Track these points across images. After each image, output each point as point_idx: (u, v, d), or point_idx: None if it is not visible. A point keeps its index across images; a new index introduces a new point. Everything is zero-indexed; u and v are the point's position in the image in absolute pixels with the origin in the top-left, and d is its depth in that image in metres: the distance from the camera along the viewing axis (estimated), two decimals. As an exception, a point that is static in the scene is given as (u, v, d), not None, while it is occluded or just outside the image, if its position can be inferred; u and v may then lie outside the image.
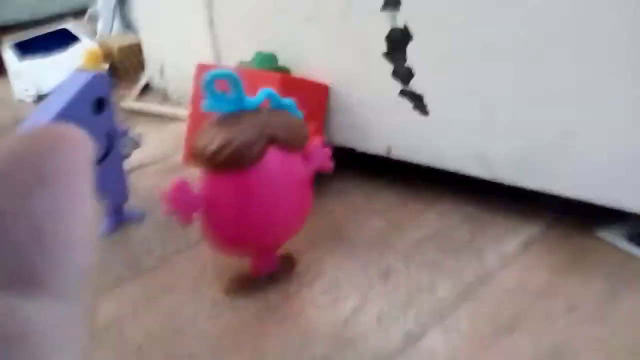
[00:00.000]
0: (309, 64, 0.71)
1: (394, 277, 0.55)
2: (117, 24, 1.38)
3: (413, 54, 0.62)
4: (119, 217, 0.67)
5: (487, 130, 0.59)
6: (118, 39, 1.29)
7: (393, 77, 0.64)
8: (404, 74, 0.63)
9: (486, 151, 0.60)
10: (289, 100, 0.50)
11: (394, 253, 0.59)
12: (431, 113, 0.63)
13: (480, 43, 0.57)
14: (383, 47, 0.64)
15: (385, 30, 0.63)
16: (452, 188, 0.68)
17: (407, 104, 0.64)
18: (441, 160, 0.64)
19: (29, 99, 1.13)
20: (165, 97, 1.09)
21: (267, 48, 0.73)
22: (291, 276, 0.56)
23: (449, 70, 0.60)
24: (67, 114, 0.56)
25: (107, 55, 1.20)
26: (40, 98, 1.12)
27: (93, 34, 1.34)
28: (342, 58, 0.68)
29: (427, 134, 0.64)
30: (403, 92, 0.64)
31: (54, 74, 1.12)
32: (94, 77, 0.58)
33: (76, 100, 0.57)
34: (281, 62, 0.72)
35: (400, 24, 0.61)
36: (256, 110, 0.49)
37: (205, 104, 0.48)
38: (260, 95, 0.48)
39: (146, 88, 1.16)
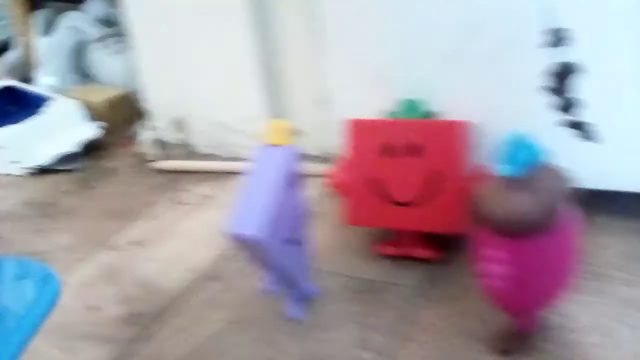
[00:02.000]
0: (453, 105, 0.71)
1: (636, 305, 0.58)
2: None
3: (581, 85, 0.66)
4: (301, 297, 0.64)
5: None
6: (95, 92, 1.24)
7: (556, 108, 0.68)
8: (567, 105, 0.68)
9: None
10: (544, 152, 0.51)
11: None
12: (598, 139, 0.68)
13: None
14: (542, 81, 0.68)
15: (546, 65, 0.67)
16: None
17: (570, 133, 0.69)
18: (607, 182, 0.70)
19: (20, 172, 1.06)
20: (190, 152, 1.06)
21: (396, 96, 0.74)
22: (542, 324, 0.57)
23: (623, 95, 0.65)
24: (279, 195, 0.56)
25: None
26: (39, 171, 1.06)
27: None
28: (492, 96, 0.71)
29: (593, 159, 0.68)
30: (566, 122, 0.69)
31: (46, 140, 1.00)
32: (291, 152, 0.59)
33: (282, 179, 0.57)
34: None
35: (566, 58, 0.66)
36: (532, 168, 0.49)
37: (504, 168, 0.49)
38: (533, 152, 0.49)
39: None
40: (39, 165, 1.04)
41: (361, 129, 0.68)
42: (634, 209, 0.74)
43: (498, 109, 0.71)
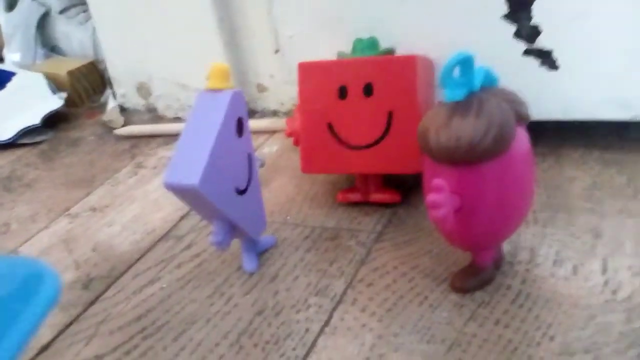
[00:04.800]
0: (410, 42, 0.70)
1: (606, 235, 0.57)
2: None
3: (540, 11, 0.64)
4: (257, 249, 0.62)
5: (628, 73, 0.63)
6: (59, 64, 1.21)
7: (515, 37, 0.67)
8: (529, 33, 0.66)
9: (627, 94, 0.64)
10: (494, 77, 0.48)
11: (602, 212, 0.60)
12: (561, 67, 0.66)
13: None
14: (501, 9, 0.66)
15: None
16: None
17: (533, 63, 0.67)
18: (573, 112, 0.68)
19: None
20: (155, 117, 1.06)
21: (351, 36, 0.71)
22: (504, 257, 0.55)
23: (582, 21, 0.63)
24: (220, 141, 0.52)
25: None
26: (2, 145, 1.04)
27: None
28: (451, 29, 0.69)
29: (558, 89, 0.67)
30: (528, 51, 0.67)
31: (9, 115, 0.99)
32: (234, 96, 0.54)
33: (224, 124, 0.53)
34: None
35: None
36: (478, 91, 0.46)
37: (448, 93, 0.45)
38: (479, 74, 0.46)
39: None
40: (3, 140, 1.02)
41: (311, 72, 0.64)
42: (604, 140, 0.71)
43: (458, 42, 0.67)
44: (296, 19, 0.77)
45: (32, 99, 1.06)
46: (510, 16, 0.65)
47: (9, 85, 1.09)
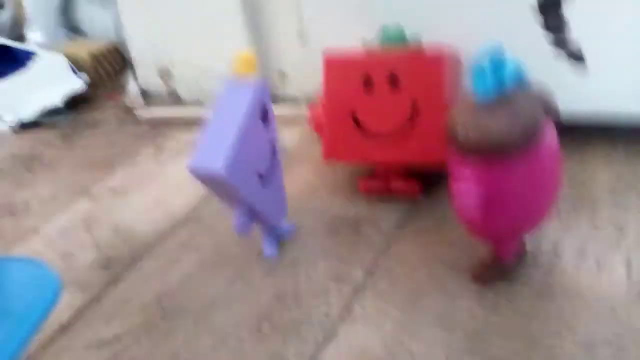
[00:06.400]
0: (437, 34, 0.68)
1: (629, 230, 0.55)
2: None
3: (569, 5, 0.64)
4: (277, 234, 0.62)
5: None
6: (81, 46, 1.21)
7: (544, 30, 0.66)
8: (557, 26, 0.65)
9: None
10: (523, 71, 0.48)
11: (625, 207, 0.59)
12: (589, 62, 0.66)
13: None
14: (531, 1, 0.65)
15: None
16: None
17: (561, 57, 0.67)
18: (600, 107, 0.67)
19: (5, 126, 1.04)
20: (176, 100, 1.04)
21: (377, 24, 0.70)
22: (527, 250, 0.55)
23: (610, 12, 0.63)
24: (245, 128, 0.53)
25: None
26: (24, 125, 1.04)
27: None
28: (478, 21, 0.69)
29: (585, 84, 0.67)
30: (556, 44, 0.67)
31: (30, 95, 0.99)
32: (260, 84, 0.55)
33: (250, 112, 0.53)
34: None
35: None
36: (508, 88, 0.46)
37: (478, 89, 0.46)
38: (509, 71, 0.46)
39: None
40: (24, 120, 1.02)
41: (336, 64, 0.64)
42: (628, 136, 0.70)
43: (485, 32, 0.67)
44: (321, 5, 0.76)
45: (54, 80, 1.07)
46: (540, 9, 0.64)
47: (31, 64, 1.09)
